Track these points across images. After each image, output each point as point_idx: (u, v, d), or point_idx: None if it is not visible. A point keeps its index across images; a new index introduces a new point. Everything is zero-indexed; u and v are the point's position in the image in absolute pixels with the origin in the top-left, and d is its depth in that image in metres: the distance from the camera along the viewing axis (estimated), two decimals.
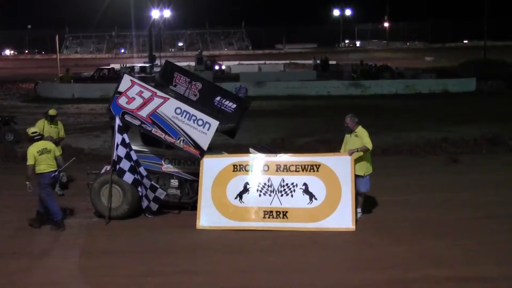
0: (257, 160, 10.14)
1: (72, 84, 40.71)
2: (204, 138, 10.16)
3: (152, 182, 10.23)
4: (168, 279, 7.84)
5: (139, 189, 10.21)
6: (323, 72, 52.38)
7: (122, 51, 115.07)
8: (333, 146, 16.68)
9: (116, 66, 53.20)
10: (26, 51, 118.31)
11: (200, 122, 10.17)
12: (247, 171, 10.05)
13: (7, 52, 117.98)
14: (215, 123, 10.18)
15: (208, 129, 10.15)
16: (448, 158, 15.38)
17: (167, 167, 10.70)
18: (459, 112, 26.93)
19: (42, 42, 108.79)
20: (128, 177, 10.08)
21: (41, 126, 12.05)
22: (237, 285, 7.68)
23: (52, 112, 12.49)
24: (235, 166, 10.09)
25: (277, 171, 9.98)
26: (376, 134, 19.45)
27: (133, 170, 10.08)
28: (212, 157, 10.31)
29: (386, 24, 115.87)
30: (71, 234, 9.87)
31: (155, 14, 68.53)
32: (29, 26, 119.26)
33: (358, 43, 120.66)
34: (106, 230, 9.94)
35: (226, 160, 10.25)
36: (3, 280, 7.86)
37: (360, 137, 10.09)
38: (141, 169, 10.16)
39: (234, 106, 11.14)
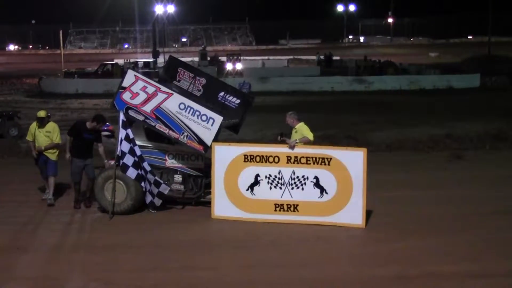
0: (267, 151, 10.04)
1: (75, 79, 40.83)
2: (208, 134, 10.16)
3: (156, 178, 10.23)
4: (172, 274, 7.85)
5: (143, 184, 10.22)
6: (327, 68, 52.31)
7: (126, 46, 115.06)
8: (336, 141, 16.73)
9: (120, 62, 53.23)
10: (30, 46, 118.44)
11: (204, 118, 10.16)
12: (257, 162, 9.97)
13: (11, 47, 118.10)
14: (219, 119, 10.18)
15: (212, 125, 10.15)
16: (451, 154, 15.37)
17: (171, 163, 10.71)
18: (463, 108, 26.90)
19: (46, 37, 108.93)
20: (132, 172, 10.08)
21: (32, 131, 11.09)
22: (241, 280, 7.68)
23: (42, 114, 11.04)
24: (246, 157, 10.00)
25: (287, 162, 9.85)
26: (379, 130, 19.53)
27: (136, 165, 10.08)
28: (223, 145, 10.25)
29: (390, 20, 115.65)
30: (75, 229, 9.91)
31: (159, 9, 68.57)
32: (33, 21, 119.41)
33: (362, 39, 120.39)
34: (109, 225, 9.96)
35: (236, 150, 10.11)
36: (6, 275, 7.87)
37: (300, 131, 10.07)
38: (145, 164, 10.15)
39: (238, 101, 11.14)
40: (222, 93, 11.13)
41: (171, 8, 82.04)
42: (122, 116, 10.17)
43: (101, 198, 10.46)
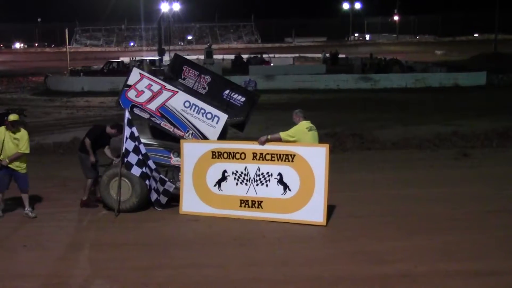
0: (234, 148, 10.09)
1: (81, 77, 40.95)
2: (213, 132, 10.19)
3: (161, 175, 10.24)
4: (177, 271, 7.85)
5: (147, 182, 10.23)
6: (333, 66, 52.23)
7: (132, 44, 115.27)
8: (342, 139, 16.73)
9: (126, 59, 53.35)
10: (36, 44, 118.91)
11: (209, 116, 10.19)
12: (225, 158, 10.05)
13: (17, 45, 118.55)
14: (224, 117, 10.20)
15: (217, 123, 10.18)
16: (458, 152, 15.33)
17: (176, 160, 10.71)
18: (470, 105, 26.82)
19: (52, 35, 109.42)
20: (136, 171, 10.10)
21: (1, 136, 10.04)
22: (246, 277, 7.67)
23: (15, 117, 10.06)
24: (214, 153, 10.10)
25: (253, 159, 9.92)
26: (385, 128, 19.51)
27: (141, 163, 10.09)
28: (191, 142, 10.29)
29: (396, 18, 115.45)
30: (80, 226, 9.94)
31: (164, 7, 68.53)
32: (39, 19, 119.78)
33: (367, 37, 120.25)
34: (115, 223, 9.97)
35: (205, 146, 10.19)
36: (13, 272, 7.89)
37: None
38: (150, 162, 10.16)
39: (243, 99, 11.14)
40: (227, 91, 11.14)
41: (176, 6, 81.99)
42: (127, 114, 10.18)
43: (106, 196, 10.48)
